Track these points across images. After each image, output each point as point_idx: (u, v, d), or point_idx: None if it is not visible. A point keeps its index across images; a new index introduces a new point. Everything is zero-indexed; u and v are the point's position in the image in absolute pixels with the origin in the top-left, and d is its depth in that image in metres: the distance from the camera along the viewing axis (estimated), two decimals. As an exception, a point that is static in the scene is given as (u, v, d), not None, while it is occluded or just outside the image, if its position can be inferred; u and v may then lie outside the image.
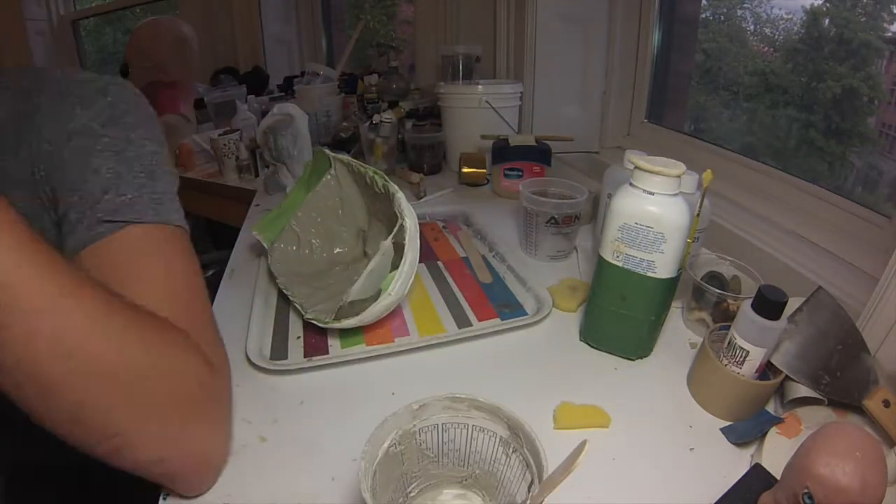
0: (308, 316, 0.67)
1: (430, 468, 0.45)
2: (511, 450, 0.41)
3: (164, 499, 0.45)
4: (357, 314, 0.63)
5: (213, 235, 2.58)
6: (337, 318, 0.64)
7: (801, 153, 1.01)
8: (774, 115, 1.07)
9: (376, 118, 1.28)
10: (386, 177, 0.70)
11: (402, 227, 0.64)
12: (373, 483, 0.37)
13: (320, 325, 0.65)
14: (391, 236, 0.65)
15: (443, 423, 0.43)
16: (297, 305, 0.69)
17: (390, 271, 0.65)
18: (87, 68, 2.98)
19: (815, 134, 0.97)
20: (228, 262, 0.86)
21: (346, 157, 0.80)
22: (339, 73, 1.77)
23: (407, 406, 0.40)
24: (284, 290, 0.73)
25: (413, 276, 0.65)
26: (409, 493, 0.45)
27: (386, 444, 0.39)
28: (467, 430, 0.43)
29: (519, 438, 0.40)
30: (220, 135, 1.44)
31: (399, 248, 0.65)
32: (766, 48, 1.12)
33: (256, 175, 1.44)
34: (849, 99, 0.90)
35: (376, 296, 0.64)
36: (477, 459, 0.44)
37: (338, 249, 0.82)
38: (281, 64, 2.95)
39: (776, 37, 1.09)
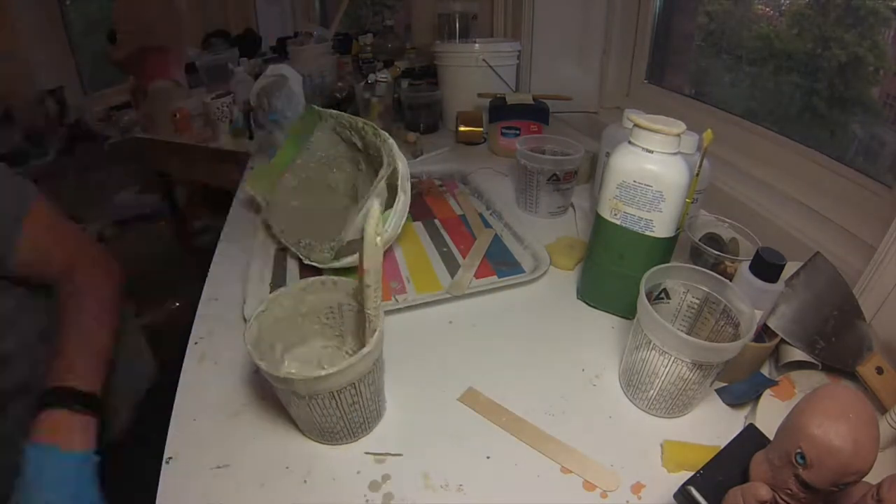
0: (310, 260, 0.69)
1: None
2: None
3: (168, 462, 0.46)
4: (354, 252, 0.65)
5: (208, 200, 2.55)
6: (336, 258, 0.67)
7: (803, 120, 0.99)
8: (777, 80, 1.05)
9: (372, 77, 1.25)
10: (376, 126, 0.72)
11: (394, 170, 0.67)
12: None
13: (322, 266, 0.68)
14: (384, 178, 0.67)
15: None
16: (297, 253, 0.72)
17: (383, 212, 0.67)
18: (73, 37, 2.88)
19: (819, 101, 0.96)
20: (224, 225, 0.85)
21: (334, 111, 0.80)
22: (334, 33, 1.72)
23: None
24: (283, 241, 0.75)
25: (405, 218, 0.69)
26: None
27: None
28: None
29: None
30: (212, 98, 1.41)
31: (392, 190, 0.68)
32: (772, 12, 1.09)
33: (251, 137, 1.41)
34: (854, 67, 0.88)
35: None
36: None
37: (332, 202, 0.83)
38: (273, 25, 2.87)
39: (781, 0, 1.06)
